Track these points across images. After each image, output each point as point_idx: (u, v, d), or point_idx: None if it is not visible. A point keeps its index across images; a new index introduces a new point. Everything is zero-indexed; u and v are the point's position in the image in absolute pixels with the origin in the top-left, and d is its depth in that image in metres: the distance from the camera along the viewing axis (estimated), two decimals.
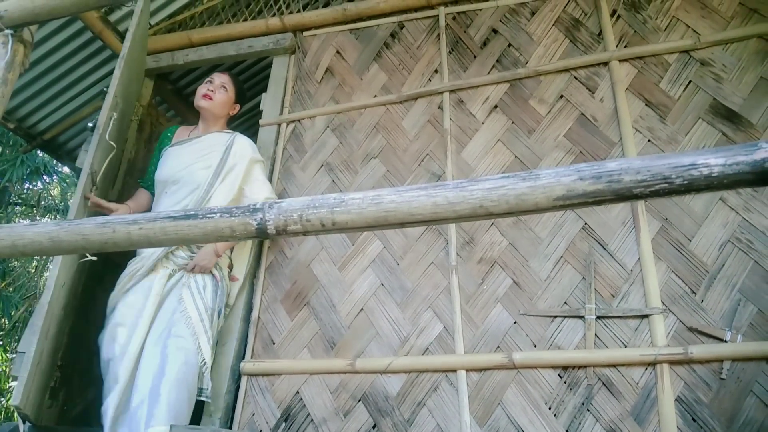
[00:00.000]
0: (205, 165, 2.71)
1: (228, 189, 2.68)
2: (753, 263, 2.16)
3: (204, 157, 2.74)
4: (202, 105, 2.83)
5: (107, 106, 2.72)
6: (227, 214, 0.71)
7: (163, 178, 2.74)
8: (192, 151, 2.78)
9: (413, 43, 3.11)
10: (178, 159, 2.76)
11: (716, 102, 2.46)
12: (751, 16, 2.57)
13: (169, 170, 2.74)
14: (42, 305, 2.39)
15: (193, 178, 2.68)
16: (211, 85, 2.86)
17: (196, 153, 2.76)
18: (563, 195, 0.61)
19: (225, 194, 2.66)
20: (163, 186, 2.73)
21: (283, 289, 2.78)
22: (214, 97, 2.83)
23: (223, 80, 2.89)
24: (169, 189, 2.70)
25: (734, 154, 0.57)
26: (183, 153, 2.78)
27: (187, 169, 2.70)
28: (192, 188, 2.66)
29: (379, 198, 0.66)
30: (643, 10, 2.74)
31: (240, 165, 2.73)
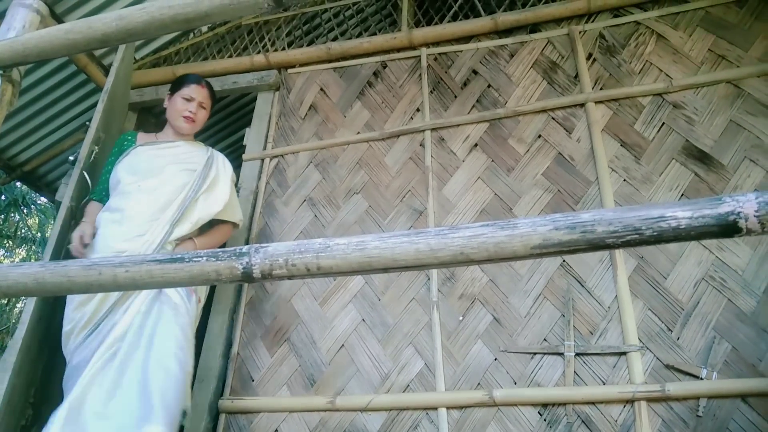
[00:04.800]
0: (188, 168, 2.59)
1: (214, 201, 2.57)
2: (726, 301, 2.21)
3: (185, 162, 2.62)
4: (183, 127, 2.67)
5: (89, 139, 2.71)
6: (213, 258, 0.72)
7: (136, 173, 2.53)
8: (170, 153, 2.63)
9: (396, 82, 3.18)
10: (153, 158, 2.59)
11: (689, 143, 2.54)
12: (719, 62, 2.68)
13: (144, 165, 2.55)
14: (15, 341, 2.35)
15: (176, 178, 2.54)
16: (191, 104, 2.68)
17: (176, 156, 2.63)
18: (540, 244, 0.63)
19: (211, 205, 2.56)
20: (133, 181, 2.51)
21: (263, 324, 2.76)
22: (196, 119, 2.69)
23: (203, 97, 2.73)
24: (144, 184, 2.50)
25: (700, 208, 0.60)
26: (159, 154, 2.62)
27: (168, 168, 2.55)
28: (176, 188, 2.51)
29: (364, 244, 0.68)
30: (617, 54, 2.84)
31: (224, 180, 2.66)
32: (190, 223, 2.50)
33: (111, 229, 2.41)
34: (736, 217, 0.59)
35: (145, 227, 2.40)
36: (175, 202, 2.49)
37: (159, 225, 2.43)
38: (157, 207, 2.46)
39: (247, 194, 3.09)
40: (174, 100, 2.69)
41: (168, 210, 2.47)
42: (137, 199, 2.45)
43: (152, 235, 2.39)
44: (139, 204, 2.44)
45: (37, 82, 3.52)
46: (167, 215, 2.45)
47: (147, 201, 2.45)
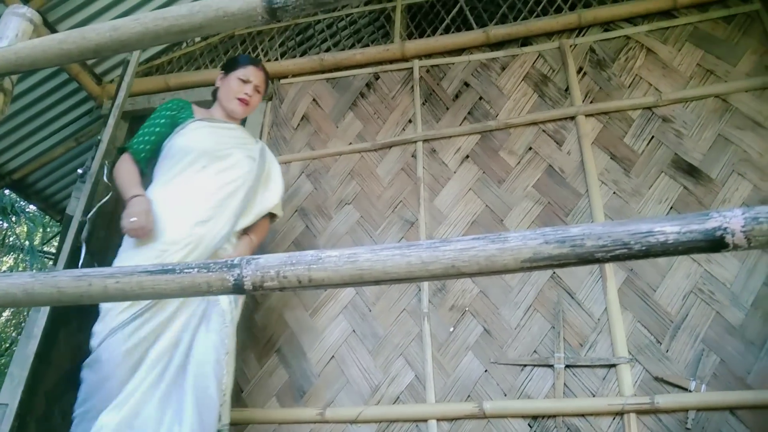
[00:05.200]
0: (250, 155, 2.42)
1: (271, 194, 2.45)
2: (715, 314, 2.22)
3: (245, 147, 2.44)
4: (237, 111, 2.45)
5: (101, 153, 2.64)
6: (205, 269, 0.72)
7: (201, 151, 2.29)
8: (230, 135, 2.42)
9: (388, 93, 3.19)
10: (216, 138, 2.37)
11: (677, 157, 2.57)
12: (708, 77, 2.72)
13: (209, 144, 2.32)
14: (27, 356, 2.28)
15: (242, 164, 2.36)
16: (247, 87, 2.45)
17: (236, 139, 2.43)
18: (530, 257, 0.64)
19: (269, 198, 2.44)
20: (196, 159, 2.28)
21: (253, 335, 2.75)
22: (250, 103, 2.47)
23: (259, 81, 2.50)
24: (211, 166, 2.29)
25: (688, 223, 0.61)
26: (221, 134, 2.40)
27: (234, 153, 2.36)
28: (241, 175, 2.33)
29: (355, 256, 0.69)
30: (607, 67, 2.87)
31: (278, 173, 2.54)
32: (252, 215, 2.37)
33: (175, 210, 2.18)
34: (723, 232, 0.60)
35: (210, 213, 2.22)
36: (240, 190, 2.32)
37: (225, 214, 2.26)
38: (224, 193, 2.27)
39: None
40: (228, 80, 2.47)
41: (234, 198, 2.30)
42: (204, 181, 2.24)
43: (218, 224, 2.23)
44: (205, 187, 2.24)
45: (29, 89, 3.51)
46: (233, 204, 2.28)
47: (214, 185, 2.25)
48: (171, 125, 2.35)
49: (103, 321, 2.01)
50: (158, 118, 2.37)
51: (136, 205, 2.09)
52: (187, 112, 2.40)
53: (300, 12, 0.92)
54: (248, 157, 2.39)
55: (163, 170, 2.29)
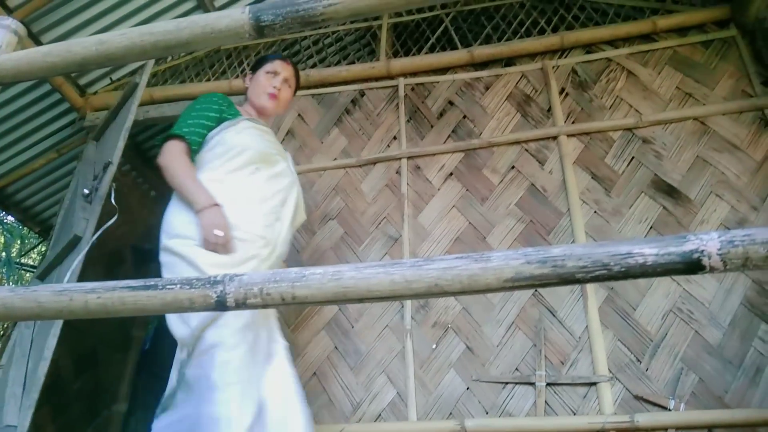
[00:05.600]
0: (289, 164, 2.32)
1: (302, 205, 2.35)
2: (694, 333, 2.25)
3: (284, 154, 2.35)
4: (267, 107, 2.32)
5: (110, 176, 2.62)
6: (187, 285, 0.72)
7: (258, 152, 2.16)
8: (273, 140, 2.33)
9: (373, 110, 3.21)
10: (266, 141, 2.26)
11: (657, 177, 2.61)
12: (687, 99, 2.78)
13: (264, 148, 2.19)
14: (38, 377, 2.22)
15: (287, 172, 2.26)
16: (276, 79, 2.32)
17: (277, 145, 2.34)
18: (512, 277, 0.65)
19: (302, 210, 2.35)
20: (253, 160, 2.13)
21: None
22: (280, 97, 2.33)
23: (288, 74, 2.37)
24: (263, 170, 2.14)
25: (666, 245, 0.62)
26: (266, 137, 2.27)
27: (279, 159, 2.25)
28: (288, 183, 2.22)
29: (339, 274, 0.69)
30: (589, 89, 2.92)
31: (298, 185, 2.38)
32: (294, 228, 2.28)
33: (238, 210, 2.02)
34: (700, 255, 0.62)
35: (271, 219, 2.10)
36: (290, 199, 2.21)
37: (283, 221, 2.16)
38: (277, 201, 2.16)
39: None
40: (256, 77, 2.35)
41: (286, 208, 2.19)
42: (258, 185, 2.10)
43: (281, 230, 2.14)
44: (261, 191, 2.10)
45: (10, 99, 3.48)
46: (287, 213, 2.19)
47: (269, 191, 2.13)
48: (218, 120, 2.18)
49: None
50: (208, 110, 2.18)
51: (218, 216, 1.92)
52: (234, 109, 2.26)
53: (287, 30, 0.93)
54: (288, 167, 2.29)
55: (213, 165, 2.09)
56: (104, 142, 3.02)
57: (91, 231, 2.50)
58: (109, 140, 2.93)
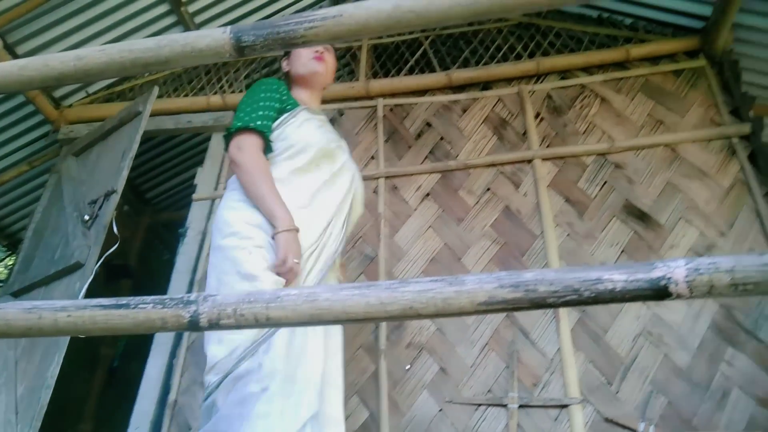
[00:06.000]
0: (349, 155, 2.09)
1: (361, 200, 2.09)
2: (663, 356, 2.29)
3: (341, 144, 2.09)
4: (317, 69, 2.08)
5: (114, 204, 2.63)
6: (160, 305, 0.71)
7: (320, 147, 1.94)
8: (328, 131, 2.06)
9: (352, 129, 3.23)
10: (325, 132, 2.03)
11: (629, 202, 2.67)
12: (658, 126, 2.85)
13: (325, 141, 1.97)
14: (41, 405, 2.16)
15: (349, 165, 2.03)
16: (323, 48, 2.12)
17: (334, 136, 2.07)
18: (485, 301, 0.66)
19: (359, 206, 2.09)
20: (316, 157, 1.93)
21: (203, 370, 2.67)
22: (325, 59, 2.10)
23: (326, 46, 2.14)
24: (325, 165, 1.93)
25: (635, 272, 0.64)
26: (325, 128, 2.06)
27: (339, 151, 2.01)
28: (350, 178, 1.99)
29: (315, 295, 0.69)
30: (564, 114, 2.98)
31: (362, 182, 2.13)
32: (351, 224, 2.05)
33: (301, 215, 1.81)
34: (667, 282, 0.63)
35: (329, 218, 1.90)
36: (349, 194, 1.99)
37: (340, 220, 1.94)
38: (339, 197, 1.94)
39: (194, 234, 3.04)
40: (295, 53, 2.12)
41: (345, 204, 1.97)
42: (320, 183, 1.90)
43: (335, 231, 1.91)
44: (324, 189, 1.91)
45: None
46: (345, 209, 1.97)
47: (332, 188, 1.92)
48: (280, 110, 1.97)
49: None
50: (272, 99, 1.96)
51: (296, 243, 1.72)
52: (292, 97, 2.03)
53: (267, 51, 0.93)
54: (349, 159, 2.06)
55: (275, 162, 1.89)
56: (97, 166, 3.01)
57: (93, 259, 2.48)
58: (104, 165, 2.91)
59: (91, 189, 2.85)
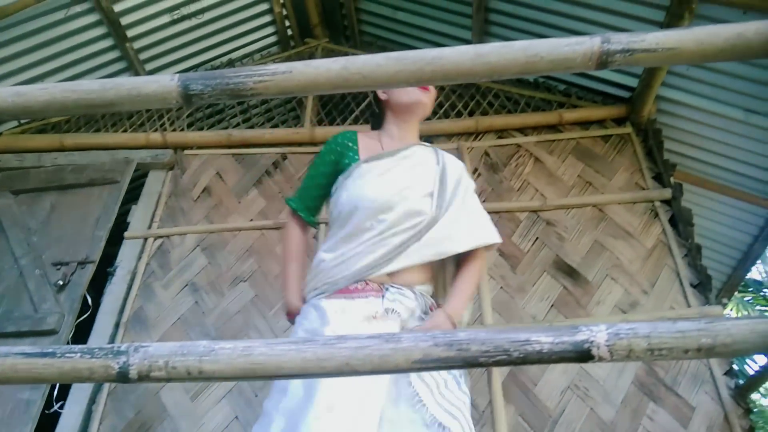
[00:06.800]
0: (425, 191, 1.78)
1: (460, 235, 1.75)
2: (589, 410, 2.35)
3: (420, 178, 1.82)
4: (423, 100, 1.88)
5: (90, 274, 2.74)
6: (88, 354, 0.69)
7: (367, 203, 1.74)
8: (403, 169, 1.83)
9: (294, 174, 3.24)
10: (387, 180, 1.79)
11: (559, 258, 2.77)
12: (587, 187, 3.01)
13: (375, 193, 1.75)
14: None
15: (414, 207, 1.74)
16: None
17: (409, 171, 1.82)
18: (420, 359, 0.67)
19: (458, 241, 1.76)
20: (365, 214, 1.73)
21: (125, 418, 2.54)
22: (431, 89, 1.91)
23: None
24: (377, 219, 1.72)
25: (560, 335, 0.67)
26: (392, 173, 1.81)
27: (402, 194, 1.75)
28: (414, 222, 1.71)
29: (250, 350, 0.68)
30: (500, 171, 3.10)
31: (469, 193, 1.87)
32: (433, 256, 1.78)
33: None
34: (590, 345, 0.67)
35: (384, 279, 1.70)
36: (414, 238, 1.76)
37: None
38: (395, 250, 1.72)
39: (124, 274, 2.93)
40: None
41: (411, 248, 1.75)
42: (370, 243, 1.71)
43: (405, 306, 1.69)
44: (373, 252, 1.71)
45: None
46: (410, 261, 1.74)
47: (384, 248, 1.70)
48: (334, 173, 1.86)
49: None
50: (321, 165, 1.89)
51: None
52: (353, 151, 1.86)
53: (216, 100, 0.94)
54: (424, 196, 1.78)
55: (332, 230, 1.81)
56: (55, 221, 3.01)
57: (68, 328, 2.52)
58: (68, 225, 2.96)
59: (53, 247, 2.88)
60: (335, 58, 0.94)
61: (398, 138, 1.90)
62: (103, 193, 3.04)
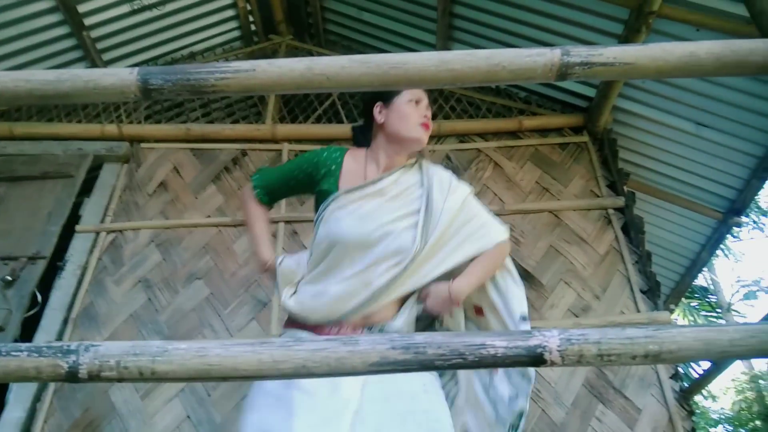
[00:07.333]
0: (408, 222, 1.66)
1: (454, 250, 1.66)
2: (541, 411, 2.40)
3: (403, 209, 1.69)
4: (423, 138, 1.76)
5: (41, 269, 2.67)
6: (36, 353, 0.66)
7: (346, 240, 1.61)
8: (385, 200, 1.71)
9: (254, 171, 3.19)
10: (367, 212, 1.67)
11: (515, 262, 2.81)
12: (544, 194, 3.07)
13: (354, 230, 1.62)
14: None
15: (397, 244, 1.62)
16: (422, 106, 1.81)
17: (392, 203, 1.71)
18: (377, 362, 0.67)
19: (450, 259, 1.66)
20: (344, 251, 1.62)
21: (71, 416, 2.47)
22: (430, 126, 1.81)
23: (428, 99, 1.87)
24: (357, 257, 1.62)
25: (514, 339, 0.69)
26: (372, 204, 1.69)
27: (384, 230, 1.62)
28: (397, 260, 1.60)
29: (205, 350, 0.67)
30: (460, 175, 3.08)
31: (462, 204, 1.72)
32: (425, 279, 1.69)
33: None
34: (543, 350, 0.69)
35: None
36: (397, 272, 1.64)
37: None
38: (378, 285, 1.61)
39: (74, 268, 2.84)
40: (397, 108, 1.79)
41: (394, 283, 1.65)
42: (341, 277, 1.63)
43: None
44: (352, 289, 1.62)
45: None
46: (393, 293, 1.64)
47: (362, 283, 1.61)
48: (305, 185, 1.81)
49: None
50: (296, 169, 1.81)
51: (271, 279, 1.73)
52: (333, 177, 1.74)
53: (175, 95, 0.93)
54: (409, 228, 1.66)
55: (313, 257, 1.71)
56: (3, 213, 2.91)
57: (16, 325, 2.45)
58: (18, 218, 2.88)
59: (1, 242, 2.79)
60: (299, 59, 0.93)
61: (384, 166, 1.75)
62: (56, 186, 2.95)
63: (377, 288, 1.57)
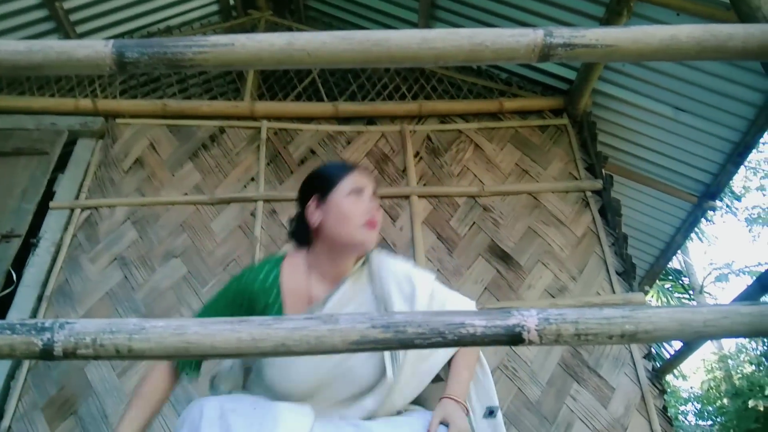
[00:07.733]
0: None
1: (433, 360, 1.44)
2: (517, 390, 2.44)
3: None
4: (369, 241, 1.45)
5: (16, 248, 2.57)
6: (9, 330, 0.65)
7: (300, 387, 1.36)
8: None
9: (232, 149, 3.16)
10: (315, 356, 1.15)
11: (494, 243, 2.84)
12: (523, 176, 3.08)
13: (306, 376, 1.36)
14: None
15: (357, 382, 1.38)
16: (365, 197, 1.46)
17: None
18: (357, 340, 0.68)
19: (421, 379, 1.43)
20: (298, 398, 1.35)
21: (46, 393, 2.44)
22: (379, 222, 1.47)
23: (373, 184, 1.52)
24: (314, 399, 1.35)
25: (493, 318, 0.69)
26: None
27: (342, 367, 1.35)
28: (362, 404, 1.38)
29: (183, 328, 0.67)
30: (441, 156, 3.13)
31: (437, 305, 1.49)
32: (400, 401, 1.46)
33: None
34: (521, 329, 0.69)
35: None
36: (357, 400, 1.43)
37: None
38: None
39: (48, 246, 2.79)
40: (334, 204, 1.44)
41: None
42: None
43: None
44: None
45: None
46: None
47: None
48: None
49: None
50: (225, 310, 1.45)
51: None
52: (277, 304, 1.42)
53: (152, 69, 0.91)
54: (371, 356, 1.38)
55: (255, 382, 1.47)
56: None
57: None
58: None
59: None
60: (279, 33, 0.92)
61: (331, 277, 1.46)
62: (30, 163, 2.89)
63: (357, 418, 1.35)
